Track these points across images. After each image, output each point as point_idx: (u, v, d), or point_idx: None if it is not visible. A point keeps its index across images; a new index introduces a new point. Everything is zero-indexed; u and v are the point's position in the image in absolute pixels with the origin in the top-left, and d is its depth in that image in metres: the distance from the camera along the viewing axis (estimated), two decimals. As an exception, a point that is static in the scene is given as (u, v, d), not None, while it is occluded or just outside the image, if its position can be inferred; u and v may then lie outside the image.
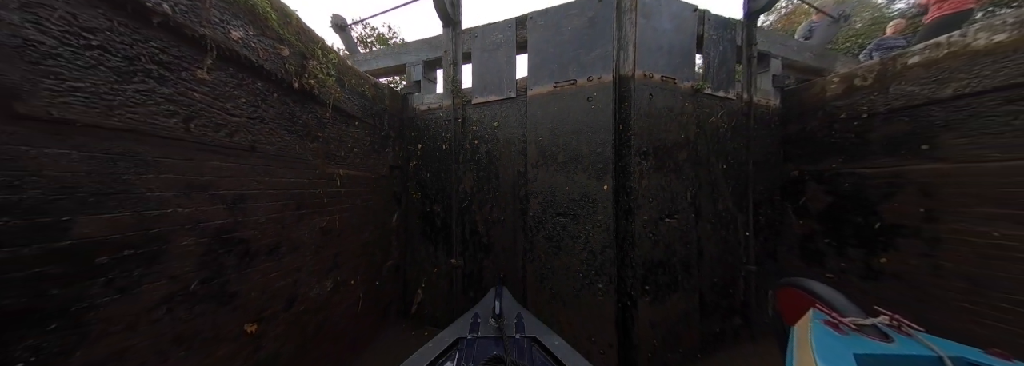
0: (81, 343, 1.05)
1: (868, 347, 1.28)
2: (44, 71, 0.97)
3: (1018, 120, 2.06)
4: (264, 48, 1.76)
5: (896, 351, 1.25)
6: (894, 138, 2.64)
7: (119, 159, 1.17)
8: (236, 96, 1.64)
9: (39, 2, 0.96)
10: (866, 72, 2.83)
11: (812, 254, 3.19)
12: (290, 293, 2.01)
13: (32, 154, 0.96)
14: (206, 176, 1.49)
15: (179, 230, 1.36)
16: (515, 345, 1.36)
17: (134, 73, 1.20)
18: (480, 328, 1.51)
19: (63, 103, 1.01)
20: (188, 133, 1.40)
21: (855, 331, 1.39)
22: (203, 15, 1.41)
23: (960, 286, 2.28)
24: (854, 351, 1.24)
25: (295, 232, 2.06)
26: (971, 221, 2.24)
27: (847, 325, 1.43)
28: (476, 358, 1.23)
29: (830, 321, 1.48)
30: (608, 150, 2.60)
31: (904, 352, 1.25)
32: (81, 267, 1.06)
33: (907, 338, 1.34)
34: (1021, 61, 2.03)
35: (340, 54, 2.70)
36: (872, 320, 1.44)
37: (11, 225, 0.91)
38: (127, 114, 1.18)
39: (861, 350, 1.25)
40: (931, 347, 1.24)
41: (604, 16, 2.64)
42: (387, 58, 3.81)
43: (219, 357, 1.53)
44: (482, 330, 1.49)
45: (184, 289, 1.38)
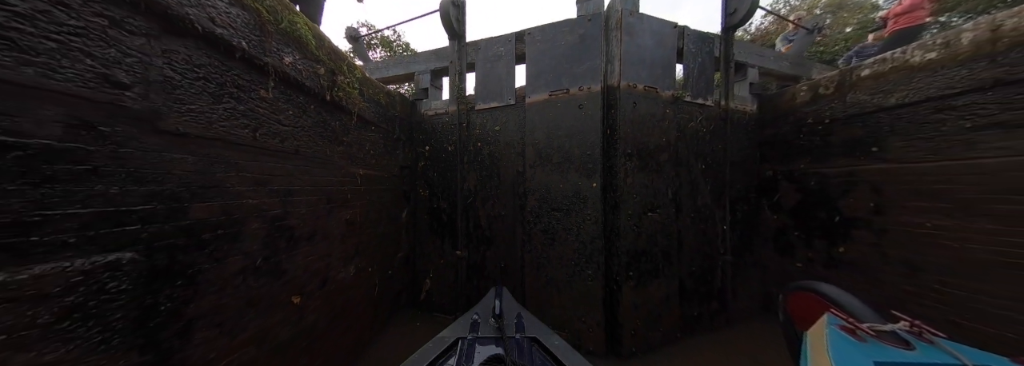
0: (194, 297, 1.46)
1: (888, 355, 1.22)
2: (174, 98, 1.38)
3: (945, 126, 2.46)
4: (306, 68, 2.17)
5: (918, 359, 1.19)
6: (850, 141, 3.04)
7: (214, 161, 1.58)
8: (285, 109, 2.05)
9: (173, 49, 1.37)
10: (828, 82, 3.23)
11: (784, 246, 3.59)
12: (323, 274, 2.42)
13: (167, 158, 1.37)
14: (266, 175, 1.90)
15: (249, 217, 1.77)
16: (515, 345, 1.35)
17: (223, 96, 1.62)
18: (480, 328, 1.50)
19: (184, 121, 1.42)
20: (255, 140, 1.81)
21: (874, 337, 1.33)
22: (267, 47, 1.82)
23: (902, 270, 2.68)
24: (874, 359, 1.20)
25: (326, 222, 2.47)
26: (910, 214, 2.64)
27: (865, 331, 1.36)
28: (476, 358, 1.23)
29: (846, 327, 1.42)
30: (597, 152, 3.01)
31: (926, 360, 1.19)
32: (194, 241, 1.47)
33: (928, 345, 1.27)
34: (947, 76, 2.43)
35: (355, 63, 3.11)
36: (891, 326, 1.36)
37: (157, 208, 1.32)
38: (219, 127, 1.59)
39: (881, 358, 1.20)
40: (955, 355, 1.17)
41: (593, 34, 3.05)
42: (397, 67, 4.23)
43: (275, 321, 1.94)
44: (482, 330, 1.48)
45: (253, 264, 1.79)
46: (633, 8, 3.03)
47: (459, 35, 3.69)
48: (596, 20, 3.05)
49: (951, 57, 2.41)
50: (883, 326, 1.38)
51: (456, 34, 3.68)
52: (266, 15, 1.81)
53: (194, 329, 1.46)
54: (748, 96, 3.81)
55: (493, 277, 3.62)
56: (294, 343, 2.10)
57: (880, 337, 1.33)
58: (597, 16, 3.05)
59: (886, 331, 1.36)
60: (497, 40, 3.56)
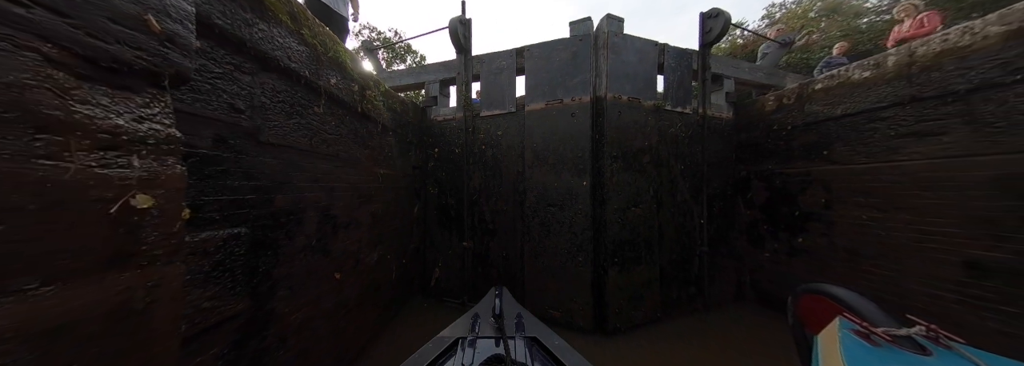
0: (276, 264, 2.01)
1: (905, 360, 1.21)
2: (265, 117, 1.93)
3: (876, 134, 3.01)
4: (344, 87, 2.72)
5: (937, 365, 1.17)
6: (807, 145, 3.59)
7: (287, 164, 2.13)
8: (330, 120, 2.60)
9: (265, 81, 1.92)
10: (790, 93, 3.78)
11: (756, 238, 4.14)
12: (355, 257, 2.97)
13: (262, 162, 1.92)
14: (318, 174, 2.45)
15: (308, 207, 2.32)
16: (515, 345, 1.37)
17: (292, 113, 2.17)
18: (480, 328, 1.53)
19: (271, 133, 1.98)
20: (311, 146, 2.36)
21: (889, 342, 1.30)
22: (320, 73, 2.38)
23: (845, 256, 3.23)
24: (890, 365, 1.19)
25: (357, 214, 3.03)
26: (851, 208, 3.19)
27: (880, 336, 1.33)
28: (476, 358, 1.25)
29: (860, 331, 1.40)
30: (587, 154, 3.56)
31: None
32: (277, 222, 2.02)
33: (947, 351, 1.24)
34: (878, 92, 2.98)
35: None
36: (907, 330, 1.33)
37: (258, 198, 1.87)
38: (289, 137, 2.14)
39: (898, 364, 1.19)
40: (975, 361, 1.15)
41: (584, 51, 3.60)
42: (409, 77, 4.78)
43: (323, 290, 2.49)
44: (482, 330, 1.51)
45: (309, 243, 2.34)
46: (618, 30, 3.58)
47: (466, 49, 4.24)
48: (587, 40, 3.60)
49: (880, 76, 2.96)
50: (898, 330, 1.34)
51: (463, 48, 4.23)
52: (320, 49, 2.36)
53: (277, 288, 2.01)
54: (725, 104, 4.36)
55: (496, 265, 4.17)
56: (335, 311, 2.65)
57: (895, 342, 1.30)
58: (587, 37, 3.60)
59: (902, 336, 1.32)
60: (500, 54, 4.11)
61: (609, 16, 3.60)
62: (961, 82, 2.48)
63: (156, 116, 0.99)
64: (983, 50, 2.38)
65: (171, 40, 1.02)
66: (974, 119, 2.44)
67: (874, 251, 3.01)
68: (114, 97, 0.88)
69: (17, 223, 0.70)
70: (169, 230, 1.01)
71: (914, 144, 2.75)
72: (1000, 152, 2.32)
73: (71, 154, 0.79)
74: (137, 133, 0.93)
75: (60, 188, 0.77)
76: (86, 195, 0.81)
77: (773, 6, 13.30)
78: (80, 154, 0.80)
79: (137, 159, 0.93)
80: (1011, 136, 2.27)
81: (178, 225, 1.05)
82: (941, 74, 2.59)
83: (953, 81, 2.52)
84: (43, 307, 0.74)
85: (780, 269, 3.86)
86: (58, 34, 0.77)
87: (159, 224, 0.98)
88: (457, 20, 4.09)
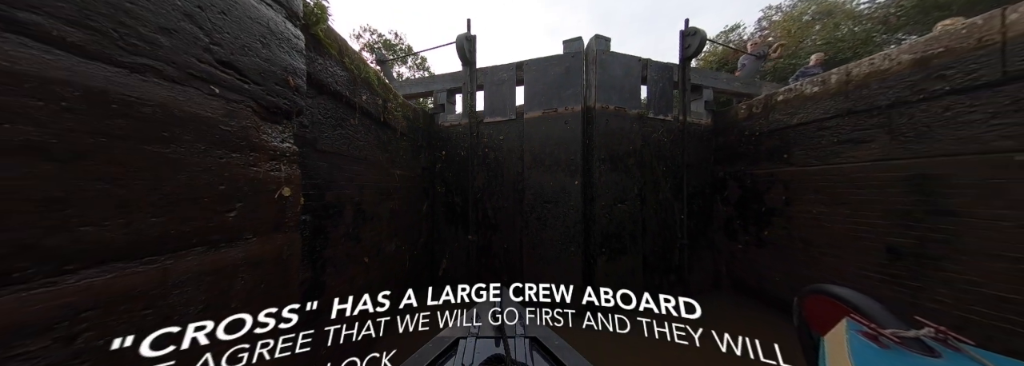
0: (326, 246, 2.63)
1: (914, 363, 1.23)
2: (319, 130, 2.56)
3: (823, 140, 3.65)
4: (371, 101, 3.35)
5: None
6: (771, 149, 4.23)
7: (333, 167, 2.75)
8: (360, 129, 3.23)
9: (319, 102, 2.55)
10: (758, 103, 4.42)
11: (731, 232, 4.78)
12: (378, 246, 3.60)
13: (317, 165, 2.54)
14: (352, 174, 3.08)
15: (346, 202, 2.95)
16: (515, 345, 1.40)
17: (336, 126, 2.80)
18: (480, 328, 1.57)
19: (323, 142, 2.60)
20: (348, 152, 2.99)
21: (897, 344, 1.33)
22: (355, 91, 3.01)
23: (800, 246, 3.87)
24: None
25: (379, 209, 3.65)
26: (805, 204, 3.83)
27: (888, 337, 1.36)
28: (476, 358, 1.27)
29: (868, 333, 1.43)
30: (578, 157, 4.19)
31: None
32: (326, 213, 2.64)
33: (956, 353, 1.27)
34: (824, 104, 3.62)
35: (396, 92, 4.29)
36: (916, 332, 1.36)
37: (313, 194, 2.50)
38: (334, 145, 2.77)
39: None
40: (985, 363, 1.17)
41: (575, 67, 4.24)
42: (419, 86, 5.42)
43: (356, 271, 3.11)
44: (482, 330, 1.54)
45: (347, 232, 2.97)
46: (606, 48, 4.22)
47: (471, 62, 4.87)
48: (578, 56, 4.24)
49: (825, 91, 3.60)
50: (907, 332, 1.36)
51: (468, 62, 4.86)
52: (355, 72, 3.00)
53: (326, 266, 2.64)
54: (704, 112, 5.00)
55: (498, 256, 4.79)
56: (364, 289, 3.27)
57: (904, 344, 1.32)
58: (578, 54, 4.24)
59: (910, 338, 1.34)
60: (502, 67, 4.74)
61: (597, 36, 4.24)
62: (883, 99, 3.12)
63: (288, 138, 1.62)
64: (898, 73, 3.02)
65: (297, 89, 1.65)
66: (892, 130, 3.08)
67: (823, 240, 3.64)
68: (273, 128, 1.51)
69: (247, 203, 1.33)
70: (295, 210, 1.64)
71: (850, 149, 3.39)
72: (911, 157, 2.96)
73: (260, 163, 1.41)
74: (282, 149, 1.56)
75: (258, 182, 1.39)
76: (266, 187, 1.44)
77: (770, 8, 13.98)
78: (263, 163, 1.43)
79: (283, 165, 1.55)
80: (918, 144, 2.91)
81: (298, 207, 1.67)
82: (869, 91, 3.23)
83: (878, 98, 3.17)
84: (252, 249, 1.37)
85: (751, 258, 4.50)
86: (255, 95, 1.40)
87: (292, 206, 1.61)
88: (463, 37, 4.73)
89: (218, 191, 1.22)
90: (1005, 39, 2.40)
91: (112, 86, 0.89)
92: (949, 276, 2.70)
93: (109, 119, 0.89)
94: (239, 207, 1.29)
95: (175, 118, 1.05)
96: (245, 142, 1.33)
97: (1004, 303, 2.40)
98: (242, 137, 1.32)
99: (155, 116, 0.99)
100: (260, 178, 1.39)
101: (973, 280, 2.56)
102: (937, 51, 2.75)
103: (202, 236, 1.16)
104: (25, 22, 0.75)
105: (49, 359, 0.79)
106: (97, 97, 0.86)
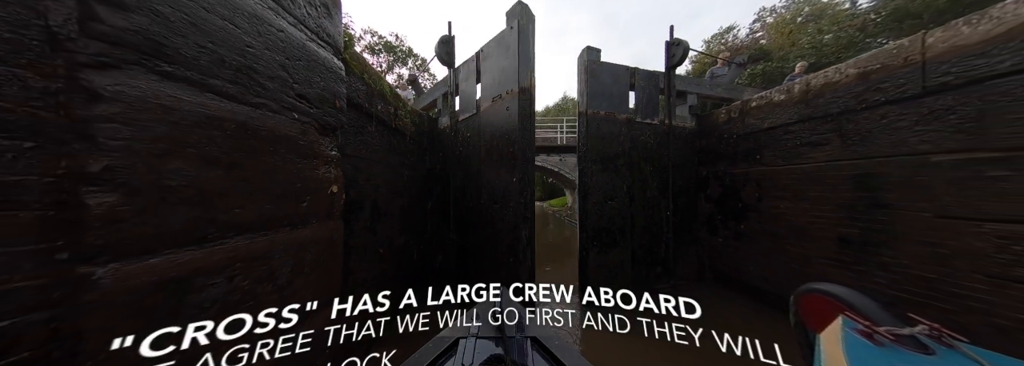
0: (350, 236, 3.15)
1: (909, 360, 1.27)
2: (346, 137, 3.08)
3: (788, 143, 4.17)
4: (384, 109, 3.87)
5: (940, 365, 1.24)
6: (746, 151, 4.75)
7: (356, 167, 3.27)
8: (376, 135, 3.75)
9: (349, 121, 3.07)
10: (735, 109, 4.95)
11: (712, 227, 5.31)
12: (391, 239, 4.12)
13: (360, 167, 3.06)
14: (370, 174, 3.59)
15: (365, 199, 3.47)
16: (515, 345, 1.43)
17: (357, 133, 3.31)
18: (480, 328, 1.60)
19: (349, 147, 3.12)
20: (366, 155, 3.51)
21: (892, 342, 1.37)
22: (371, 102, 3.53)
23: (770, 238, 4.39)
24: (894, 364, 1.25)
25: (391, 206, 4.17)
26: (774, 201, 4.35)
27: (883, 335, 1.40)
28: (476, 358, 1.30)
29: (863, 330, 1.48)
30: (516, 148, 4.69)
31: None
32: (352, 208, 3.15)
33: (950, 350, 1.30)
34: (789, 111, 4.15)
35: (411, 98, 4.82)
36: (910, 329, 1.41)
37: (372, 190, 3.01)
38: (356, 149, 3.29)
39: (902, 363, 1.25)
40: (979, 360, 1.20)
41: (514, 40, 4.67)
42: (429, 97, 5.95)
43: (372, 259, 3.63)
44: (482, 330, 1.57)
45: (366, 225, 3.48)
46: (596, 58, 4.74)
47: (450, 63, 5.35)
48: (522, 29, 4.62)
49: (790, 99, 4.13)
50: (901, 330, 1.41)
51: (449, 63, 5.34)
52: (372, 85, 3.52)
53: (351, 252, 3.15)
54: (688, 116, 5.52)
55: (473, 255, 5.30)
56: (380, 277, 3.79)
57: (899, 341, 1.37)
58: (520, 25, 4.67)
59: (905, 335, 1.39)
60: (469, 60, 5.25)
61: (588, 48, 4.76)
62: (835, 107, 3.64)
63: (334, 147, 2.14)
64: (846, 85, 3.54)
65: (341, 109, 2.17)
66: (842, 134, 3.60)
67: (789, 233, 4.16)
68: (327, 141, 2.03)
69: (313, 197, 1.85)
70: (340, 204, 2.16)
71: (809, 151, 3.91)
72: (857, 158, 3.48)
73: (319, 167, 1.93)
74: (331, 156, 2.08)
75: (318, 182, 1.91)
76: (323, 185, 1.96)
77: (764, 10, 14.52)
78: (321, 167, 1.95)
79: (332, 168, 2.07)
80: (862, 146, 3.43)
81: (342, 201, 2.19)
82: (824, 100, 3.75)
83: (830, 106, 3.69)
84: (311, 234, 1.88)
85: (730, 251, 5.02)
86: (317, 116, 1.92)
87: (338, 200, 2.12)
88: (440, 40, 5.23)
89: (297, 188, 1.74)
90: (924, 59, 2.93)
91: (249, 119, 1.41)
92: (885, 260, 3.22)
93: (247, 141, 1.40)
94: (308, 200, 1.80)
95: (277, 137, 1.57)
96: (311, 152, 1.85)
97: (923, 281, 2.92)
98: (309, 148, 1.83)
99: (268, 137, 1.51)
100: (319, 178, 1.90)
101: (902, 263, 3.09)
102: (875, 67, 3.28)
103: (289, 219, 1.67)
104: (213, 86, 1.27)
105: (220, 289, 1.31)
106: (242, 127, 1.38)
